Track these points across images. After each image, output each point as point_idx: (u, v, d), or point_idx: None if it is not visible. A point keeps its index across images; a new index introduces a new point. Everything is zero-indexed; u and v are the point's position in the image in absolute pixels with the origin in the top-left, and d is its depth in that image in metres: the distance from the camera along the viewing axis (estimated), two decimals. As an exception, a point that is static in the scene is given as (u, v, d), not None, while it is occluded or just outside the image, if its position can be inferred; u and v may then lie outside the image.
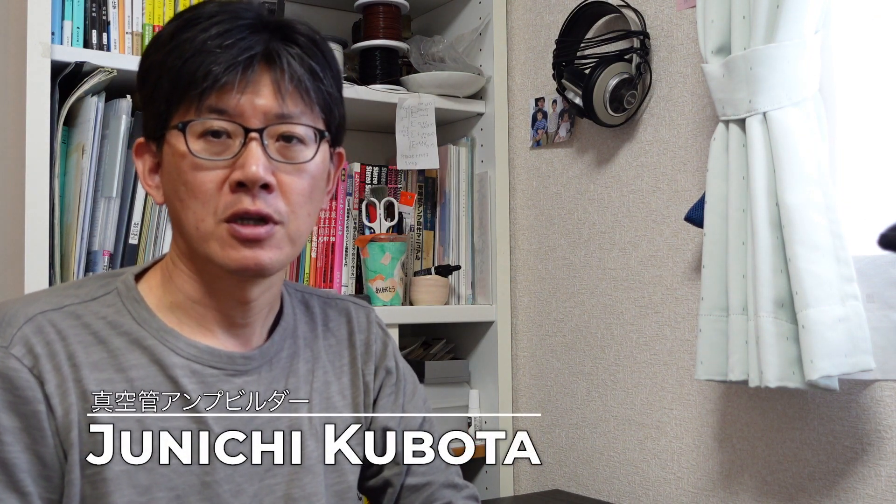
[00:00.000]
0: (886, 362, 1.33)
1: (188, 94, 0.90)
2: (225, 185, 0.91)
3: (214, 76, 0.89)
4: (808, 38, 1.32)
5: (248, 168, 0.89)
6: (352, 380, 1.08)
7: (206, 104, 0.90)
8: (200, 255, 0.93)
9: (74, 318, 0.92)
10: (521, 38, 2.03)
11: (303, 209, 0.95)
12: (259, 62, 0.91)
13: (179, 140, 0.91)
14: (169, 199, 0.95)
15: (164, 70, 0.92)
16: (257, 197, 0.90)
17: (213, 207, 0.91)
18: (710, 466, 1.60)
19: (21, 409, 0.86)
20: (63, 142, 1.53)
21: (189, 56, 0.90)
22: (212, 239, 0.91)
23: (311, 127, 0.95)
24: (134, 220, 1.57)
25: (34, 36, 1.46)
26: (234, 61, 0.90)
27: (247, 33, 0.91)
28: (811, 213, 1.30)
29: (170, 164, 0.94)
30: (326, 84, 0.96)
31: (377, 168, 1.99)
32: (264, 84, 0.92)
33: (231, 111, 0.90)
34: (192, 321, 0.97)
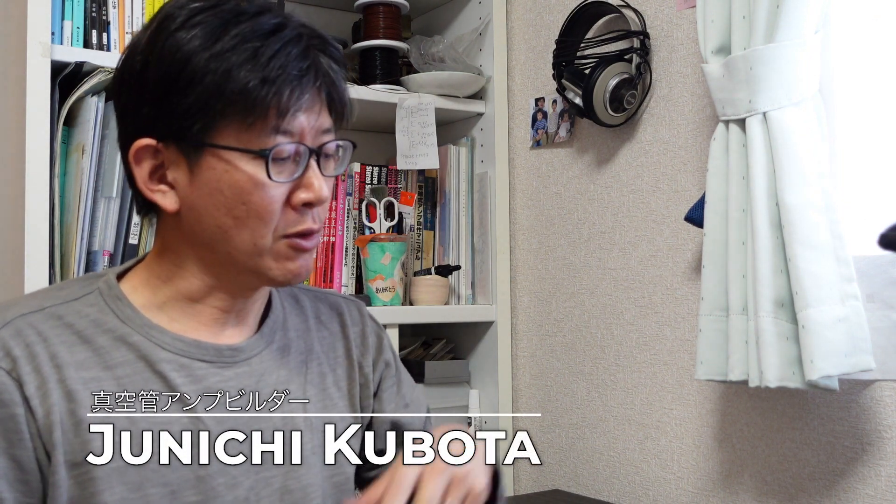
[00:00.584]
0: (886, 362, 1.33)
1: (251, 114, 0.87)
2: (284, 203, 0.91)
3: (286, 102, 0.88)
4: (808, 38, 1.32)
5: (319, 190, 0.92)
6: (347, 372, 1.08)
7: (273, 126, 0.89)
8: (251, 269, 0.93)
9: (56, 318, 0.91)
10: (521, 38, 2.03)
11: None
12: (314, 80, 0.91)
13: (252, 164, 0.89)
14: (202, 212, 0.91)
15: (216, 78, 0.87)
16: (315, 213, 0.94)
17: (273, 224, 0.91)
18: (710, 466, 1.60)
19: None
20: (63, 142, 1.53)
21: (250, 77, 0.87)
22: (267, 254, 0.92)
23: (348, 141, 0.98)
24: (134, 220, 1.57)
25: (34, 36, 1.46)
26: (299, 84, 0.89)
27: (299, 48, 0.89)
28: (811, 213, 1.30)
29: (222, 180, 0.89)
30: (348, 93, 0.97)
31: (377, 168, 1.99)
32: (313, 99, 0.91)
33: (293, 132, 0.90)
34: (183, 318, 0.96)
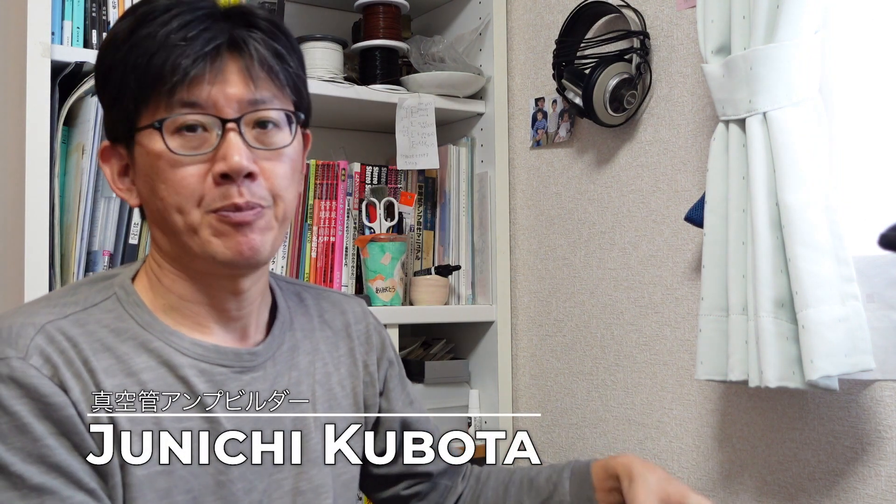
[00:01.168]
0: (886, 362, 1.33)
1: (157, 90, 0.89)
2: (207, 178, 0.90)
3: (184, 69, 0.88)
4: (808, 38, 1.32)
5: (231, 159, 0.89)
6: (349, 370, 1.09)
7: (178, 99, 0.89)
8: (192, 249, 0.92)
9: (80, 325, 0.91)
10: (521, 38, 2.03)
11: (287, 192, 0.95)
12: (225, 51, 0.91)
13: (154, 139, 0.90)
14: (147, 201, 0.94)
15: (128, 68, 0.90)
16: (243, 187, 0.90)
17: (196, 200, 0.90)
18: (710, 466, 1.60)
19: (53, 414, 0.85)
20: (63, 142, 1.53)
21: (154, 51, 0.89)
22: (202, 229, 0.91)
23: (285, 110, 0.94)
24: (134, 220, 1.57)
25: (34, 36, 1.46)
26: (202, 52, 0.89)
27: (209, 23, 0.90)
28: (811, 213, 1.30)
29: (145, 164, 0.92)
30: (293, 66, 0.95)
31: (377, 168, 1.99)
32: (233, 72, 0.91)
33: (204, 103, 0.89)
34: (188, 321, 0.96)
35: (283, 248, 1.84)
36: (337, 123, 2.12)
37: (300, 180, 1.00)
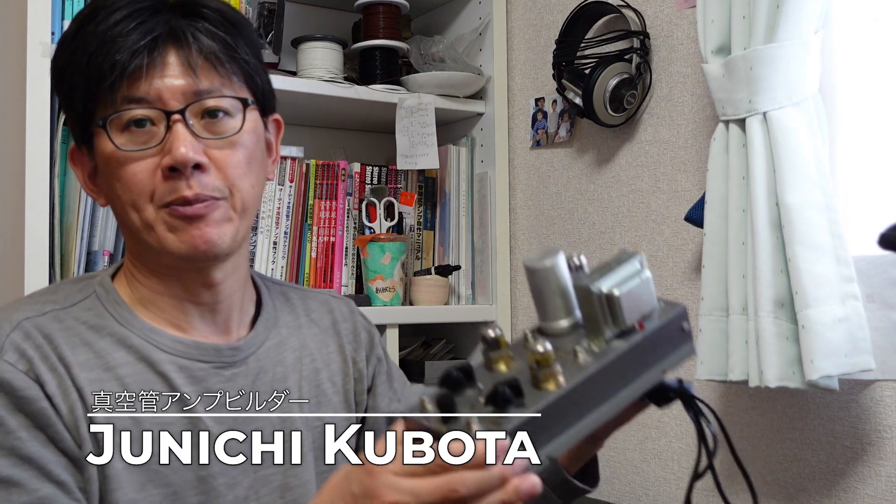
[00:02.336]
0: (886, 362, 1.33)
1: (100, 88, 0.88)
2: (157, 173, 0.89)
3: (121, 65, 0.87)
4: (809, 38, 1.32)
5: (177, 151, 0.87)
6: (341, 367, 1.08)
7: (121, 95, 0.88)
8: (152, 246, 0.91)
9: (58, 321, 0.91)
10: (521, 38, 2.03)
11: (244, 181, 0.93)
12: (165, 43, 0.89)
13: (103, 138, 0.89)
14: (110, 200, 0.94)
15: (74, 69, 0.90)
16: (191, 178, 0.88)
17: (148, 195, 0.89)
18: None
19: (26, 408, 0.85)
20: (63, 142, 1.53)
21: (93, 49, 0.88)
22: (157, 225, 0.90)
23: (232, 97, 0.92)
24: (134, 220, 1.57)
25: (34, 36, 1.46)
26: (137, 46, 0.87)
27: (147, 16, 0.89)
28: (811, 213, 1.30)
29: (102, 164, 0.92)
30: (241, 52, 0.93)
31: (377, 168, 1.99)
32: (174, 64, 0.89)
33: (148, 97, 0.88)
34: (167, 315, 0.95)
35: (283, 248, 1.84)
36: (337, 123, 2.12)
37: (261, 168, 0.97)
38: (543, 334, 0.75)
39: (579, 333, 0.75)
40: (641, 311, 0.74)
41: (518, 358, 0.74)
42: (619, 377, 0.74)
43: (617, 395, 0.74)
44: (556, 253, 0.76)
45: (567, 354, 0.72)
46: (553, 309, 0.76)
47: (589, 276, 0.75)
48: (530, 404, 0.68)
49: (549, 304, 0.76)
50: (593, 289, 0.72)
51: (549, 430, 0.70)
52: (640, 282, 0.74)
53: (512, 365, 0.73)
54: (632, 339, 0.74)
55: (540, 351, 0.69)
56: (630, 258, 0.76)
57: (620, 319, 0.72)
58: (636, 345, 0.74)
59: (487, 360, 0.74)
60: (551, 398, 0.69)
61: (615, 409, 0.74)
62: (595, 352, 0.73)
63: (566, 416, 0.71)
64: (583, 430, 0.72)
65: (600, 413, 0.73)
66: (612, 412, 0.74)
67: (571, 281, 0.76)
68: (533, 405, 0.68)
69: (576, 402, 0.71)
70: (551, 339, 0.73)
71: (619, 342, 0.73)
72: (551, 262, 0.75)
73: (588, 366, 0.71)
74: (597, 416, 0.73)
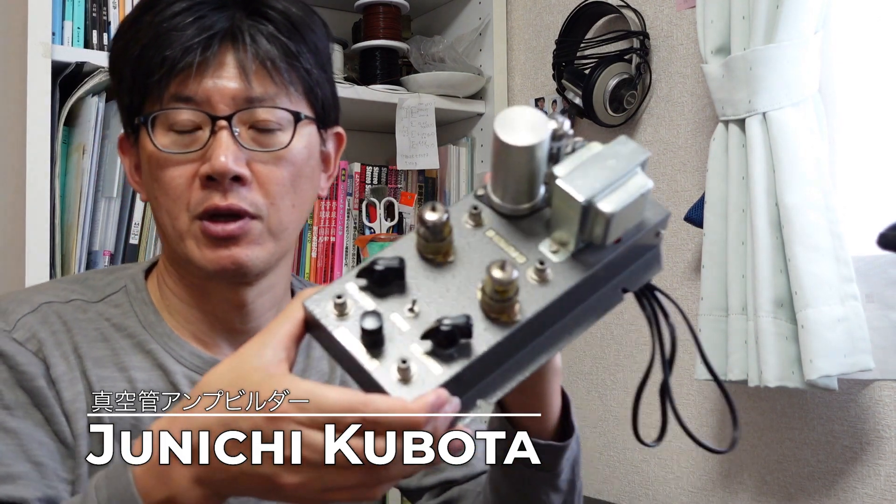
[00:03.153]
0: (885, 362, 1.33)
1: (149, 84, 0.83)
2: (196, 180, 0.83)
3: (171, 61, 0.81)
4: (808, 39, 1.32)
5: (217, 160, 0.81)
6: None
7: (168, 93, 0.82)
8: (181, 256, 0.87)
9: (82, 311, 0.88)
10: (521, 39, 2.03)
11: (284, 200, 0.86)
12: (221, 41, 0.83)
13: (146, 135, 0.85)
14: (150, 198, 0.89)
15: (125, 59, 0.85)
16: (229, 191, 0.82)
17: (184, 204, 0.84)
18: (709, 466, 1.61)
19: (25, 384, 0.83)
20: (64, 142, 1.53)
21: (146, 42, 0.83)
22: (188, 237, 0.85)
23: (286, 110, 0.86)
24: (134, 220, 1.58)
25: (35, 36, 1.46)
26: (191, 43, 0.81)
27: (206, 10, 0.83)
28: (810, 213, 1.30)
29: (143, 160, 0.87)
30: (303, 61, 0.87)
31: (377, 168, 1.99)
32: (229, 65, 0.83)
33: (196, 98, 0.83)
34: (190, 327, 0.91)
35: (283, 248, 1.85)
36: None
37: (310, 185, 0.90)
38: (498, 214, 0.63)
39: (539, 225, 0.62)
40: (626, 225, 0.61)
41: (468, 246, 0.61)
42: (578, 299, 0.62)
43: (572, 324, 0.63)
44: (543, 126, 0.61)
45: (526, 264, 0.60)
46: (516, 192, 0.63)
47: (574, 173, 0.59)
48: (476, 346, 0.57)
49: (512, 185, 0.63)
50: (582, 202, 0.58)
51: (489, 372, 0.60)
52: (640, 196, 0.60)
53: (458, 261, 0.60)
54: (604, 255, 0.61)
55: (505, 280, 0.56)
56: (634, 156, 0.62)
57: (601, 237, 0.60)
58: (607, 263, 0.62)
59: (423, 248, 0.61)
60: (503, 335, 0.58)
61: (567, 340, 0.63)
62: (558, 265, 0.60)
63: (513, 352, 0.60)
64: (527, 369, 0.61)
65: (551, 347, 0.62)
66: (563, 344, 0.63)
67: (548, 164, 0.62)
68: (478, 348, 0.57)
69: (526, 335, 0.60)
70: (504, 219, 0.62)
71: (589, 256, 0.61)
72: (534, 140, 0.60)
73: (551, 290, 0.59)
74: (546, 351, 0.62)
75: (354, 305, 0.59)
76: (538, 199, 0.63)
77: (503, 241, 0.62)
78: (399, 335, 0.58)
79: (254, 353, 0.61)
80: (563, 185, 0.59)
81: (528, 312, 0.59)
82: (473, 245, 0.62)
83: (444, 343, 0.56)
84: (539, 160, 0.61)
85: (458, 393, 0.57)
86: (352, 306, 0.58)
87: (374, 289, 0.59)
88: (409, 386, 0.56)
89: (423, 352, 0.57)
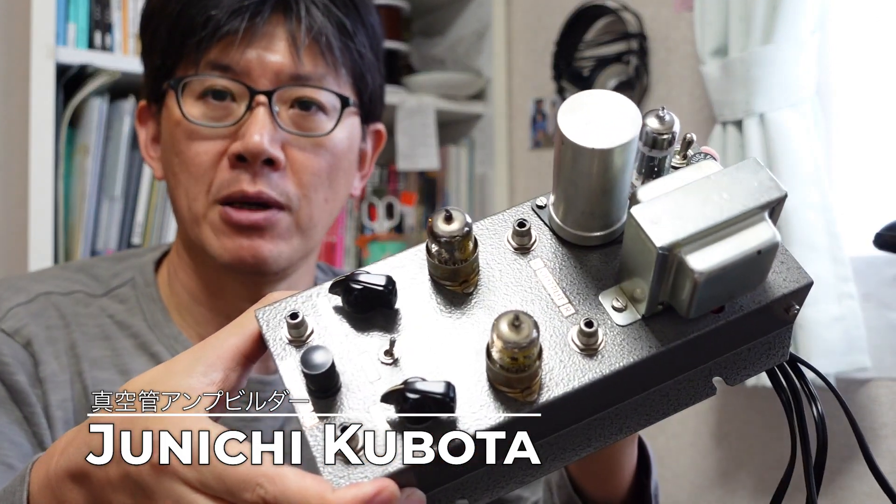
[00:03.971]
0: (882, 361, 1.34)
1: (186, 45, 0.74)
2: (223, 159, 0.74)
3: (216, 23, 0.73)
4: (805, 40, 1.33)
5: (250, 138, 0.72)
6: None
7: (207, 59, 0.74)
8: (195, 242, 0.78)
9: (83, 306, 0.80)
10: (521, 40, 2.04)
11: (318, 193, 0.77)
12: (272, 10, 0.74)
13: (173, 101, 0.76)
14: (166, 175, 0.80)
15: (163, 16, 0.76)
16: (259, 175, 0.74)
17: (206, 184, 0.75)
18: (707, 464, 1.61)
19: (5, 378, 0.74)
20: (67, 143, 1.54)
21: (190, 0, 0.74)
22: (204, 222, 0.76)
23: (334, 93, 0.77)
24: (137, 220, 1.58)
25: (38, 38, 1.47)
26: (240, 5, 0.73)
27: None
28: (808, 213, 1.31)
29: (165, 131, 0.78)
30: (358, 43, 0.78)
31: (378, 168, 2.00)
32: (278, 37, 0.74)
33: (236, 67, 0.74)
34: (198, 328, 0.82)
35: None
36: (338, 124, 2.13)
37: (346, 181, 0.81)
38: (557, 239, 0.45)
39: (611, 265, 0.44)
40: (732, 292, 0.42)
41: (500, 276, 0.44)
42: (639, 383, 0.44)
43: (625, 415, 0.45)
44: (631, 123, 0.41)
45: (572, 319, 0.43)
46: (584, 213, 0.44)
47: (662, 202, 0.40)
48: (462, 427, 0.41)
49: (580, 202, 0.43)
50: (657, 242, 0.39)
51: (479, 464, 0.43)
52: (753, 255, 0.39)
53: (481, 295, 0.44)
54: (693, 328, 0.42)
55: (515, 343, 0.39)
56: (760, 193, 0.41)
57: (685, 305, 0.41)
58: (695, 340, 0.43)
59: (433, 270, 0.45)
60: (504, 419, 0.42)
61: (614, 437, 0.45)
62: (619, 330, 0.42)
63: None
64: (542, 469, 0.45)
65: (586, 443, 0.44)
66: (606, 441, 0.45)
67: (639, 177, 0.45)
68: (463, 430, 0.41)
69: (547, 423, 0.43)
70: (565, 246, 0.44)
71: (669, 325, 0.42)
72: (614, 141, 0.40)
73: (597, 366, 0.42)
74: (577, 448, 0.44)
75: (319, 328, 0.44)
76: (617, 227, 0.45)
77: (552, 278, 0.44)
78: (366, 386, 0.42)
79: (182, 368, 0.48)
80: (638, 216, 0.39)
81: (550, 393, 0.41)
82: (508, 276, 0.45)
83: (410, 413, 0.40)
84: (619, 170, 0.42)
85: (425, 486, 0.42)
86: (314, 328, 0.44)
87: (350, 312, 0.43)
88: (348, 467, 0.40)
89: (387, 419, 0.40)
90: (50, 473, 0.49)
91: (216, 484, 0.42)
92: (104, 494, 0.46)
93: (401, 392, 0.39)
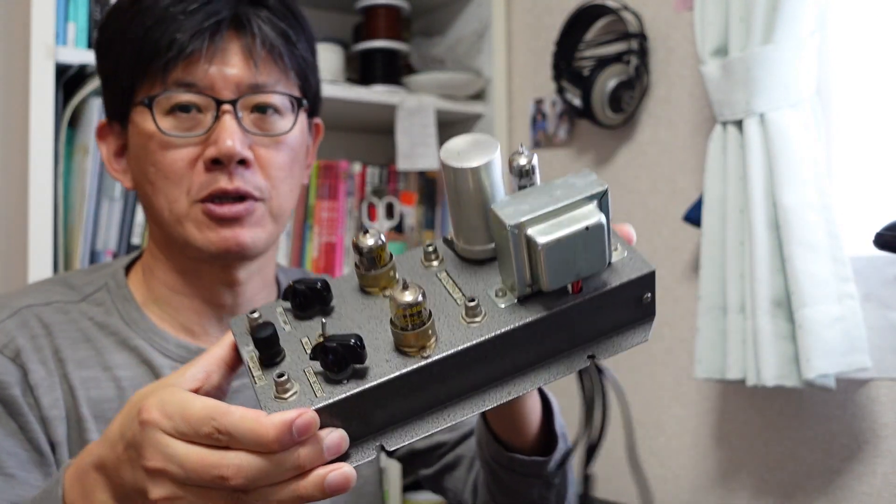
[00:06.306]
0: (882, 361, 1.34)
1: (152, 66, 0.83)
2: (198, 164, 0.84)
3: (180, 45, 0.82)
4: (805, 40, 1.33)
5: (223, 143, 0.82)
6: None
7: (173, 77, 0.83)
8: (177, 240, 0.87)
9: (62, 314, 0.88)
10: (521, 40, 2.04)
11: (284, 184, 0.88)
12: (227, 28, 0.84)
13: (145, 117, 0.85)
14: (139, 184, 0.89)
15: (126, 41, 0.85)
16: (234, 174, 0.84)
17: (185, 187, 0.85)
18: (708, 465, 1.61)
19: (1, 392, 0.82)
20: (67, 143, 1.54)
21: (151, 24, 0.83)
22: (187, 221, 0.85)
23: (287, 95, 0.88)
24: (137, 220, 1.58)
25: (38, 37, 1.47)
26: (200, 28, 0.83)
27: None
28: (808, 213, 1.31)
29: (137, 144, 0.87)
30: (301, 49, 0.89)
31: (378, 168, 2.00)
32: (234, 52, 0.85)
33: (200, 83, 0.84)
34: (180, 317, 0.91)
35: (284, 248, 1.85)
36: (338, 124, 2.13)
37: (301, 173, 0.94)
38: (459, 258, 0.58)
39: (496, 275, 0.57)
40: (579, 270, 0.51)
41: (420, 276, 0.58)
42: (518, 355, 0.54)
43: (511, 379, 0.55)
44: (490, 147, 0.55)
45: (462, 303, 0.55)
46: (469, 228, 0.57)
47: (514, 199, 0.53)
48: (372, 375, 0.52)
49: (464, 219, 0.57)
50: (507, 222, 0.51)
51: (389, 411, 0.53)
52: (585, 230, 0.50)
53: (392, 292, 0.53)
54: (555, 305, 0.53)
55: (404, 303, 0.51)
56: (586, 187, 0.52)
57: (539, 277, 0.52)
58: (556, 314, 0.53)
59: (361, 280, 0.58)
60: (406, 369, 0.52)
61: (504, 396, 0.55)
62: (498, 310, 0.54)
63: (426, 395, 0.53)
64: (442, 420, 0.54)
65: (479, 401, 0.54)
66: (496, 401, 0.55)
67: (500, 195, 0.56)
68: (373, 377, 0.52)
69: (441, 379, 0.53)
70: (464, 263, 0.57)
71: (536, 304, 0.53)
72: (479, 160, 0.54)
73: (477, 332, 0.53)
74: (473, 403, 0.54)
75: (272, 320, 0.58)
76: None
77: (452, 283, 0.57)
78: (304, 356, 0.54)
79: (175, 374, 0.59)
80: (495, 208, 0.52)
81: (442, 351, 0.52)
82: (418, 281, 0.57)
83: (331, 364, 0.51)
84: (489, 185, 0.55)
85: (348, 427, 0.52)
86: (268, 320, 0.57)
87: (296, 311, 0.58)
88: (282, 403, 0.52)
89: (314, 372, 0.53)
90: (79, 470, 0.61)
91: (185, 426, 0.52)
92: (118, 473, 0.57)
93: (322, 344, 0.51)
